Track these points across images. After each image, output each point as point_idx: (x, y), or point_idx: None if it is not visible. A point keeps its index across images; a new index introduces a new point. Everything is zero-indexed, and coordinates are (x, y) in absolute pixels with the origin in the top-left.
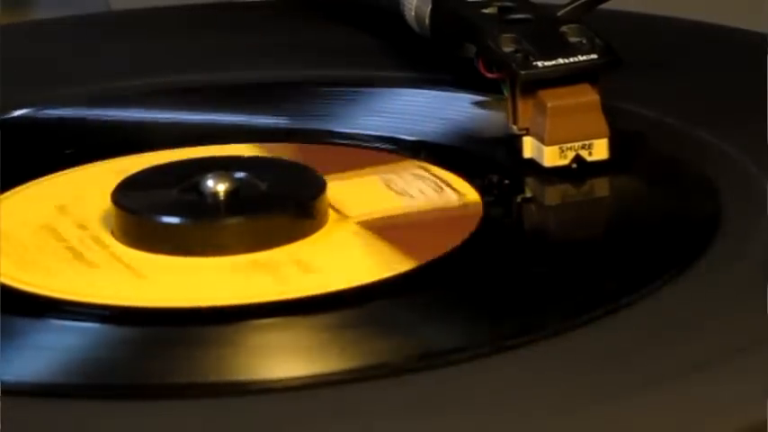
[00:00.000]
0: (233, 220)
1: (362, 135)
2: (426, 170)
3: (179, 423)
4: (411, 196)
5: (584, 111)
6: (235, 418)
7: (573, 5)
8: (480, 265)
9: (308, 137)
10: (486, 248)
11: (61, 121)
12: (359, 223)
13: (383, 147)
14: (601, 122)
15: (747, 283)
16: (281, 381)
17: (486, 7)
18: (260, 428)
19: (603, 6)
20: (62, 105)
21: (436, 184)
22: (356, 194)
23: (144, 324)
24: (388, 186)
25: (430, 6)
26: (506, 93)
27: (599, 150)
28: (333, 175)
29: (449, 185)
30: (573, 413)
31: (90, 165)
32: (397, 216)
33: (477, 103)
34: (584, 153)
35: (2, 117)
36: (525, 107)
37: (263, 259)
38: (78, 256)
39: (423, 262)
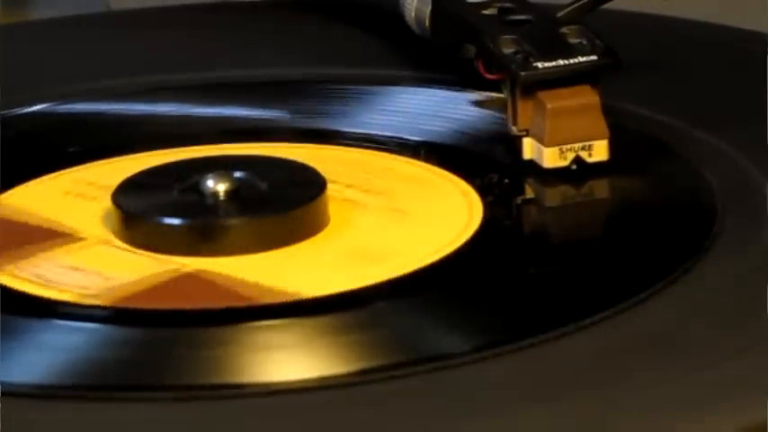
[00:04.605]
0: (233, 221)
1: (362, 135)
2: None
3: (179, 424)
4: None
5: (584, 112)
6: (235, 419)
7: (573, 6)
8: (480, 267)
9: (308, 136)
10: (485, 250)
11: (61, 120)
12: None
13: (383, 147)
14: (601, 124)
15: (747, 283)
16: (281, 383)
17: (485, 8)
18: (260, 430)
19: (604, 7)
20: (62, 105)
21: None
22: None
23: (144, 325)
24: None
25: (430, 7)
26: (506, 94)
27: (599, 152)
28: None
29: None
30: (573, 414)
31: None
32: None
33: (478, 104)
34: (584, 154)
35: (1, 116)
36: (525, 108)
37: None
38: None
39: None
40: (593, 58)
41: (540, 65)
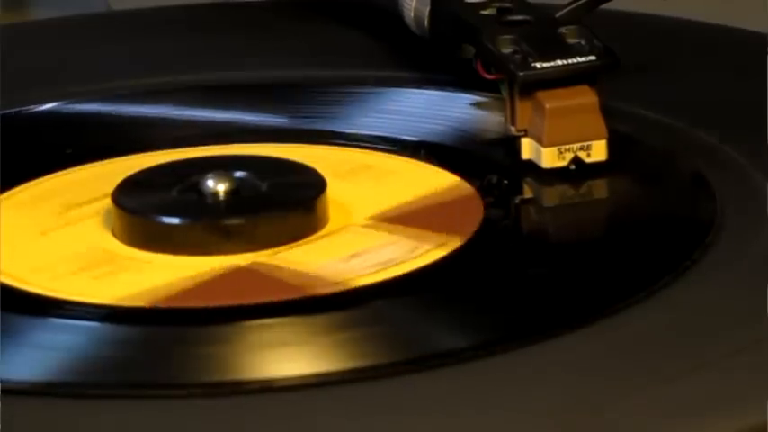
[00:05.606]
0: (233, 220)
1: (362, 135)
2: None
3: (179, 423)
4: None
5: (583, 112)
6: (235, 418)
7: (572, 7)
8: (478, 266)
9: (308, 137)
10: (484, 250)
11: (61, 120)
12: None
13: (382, 147)
14: (599, 124)
15: (747, 283)
16: (280, 380)
17: (484, 8)
18: (260, 428)
19: (602, 7)
20: (62, 105)
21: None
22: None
23: (143, 323)
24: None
25: (428, 8)
26: (505, 94)
27: (597, 152)
28: None
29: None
30: (572, 413)
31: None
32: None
33: (477, 104)
34: (582, 154)
35: (1, 116)
36: (524, 108)
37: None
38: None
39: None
40: (592, 58)
41: (538, 65)
